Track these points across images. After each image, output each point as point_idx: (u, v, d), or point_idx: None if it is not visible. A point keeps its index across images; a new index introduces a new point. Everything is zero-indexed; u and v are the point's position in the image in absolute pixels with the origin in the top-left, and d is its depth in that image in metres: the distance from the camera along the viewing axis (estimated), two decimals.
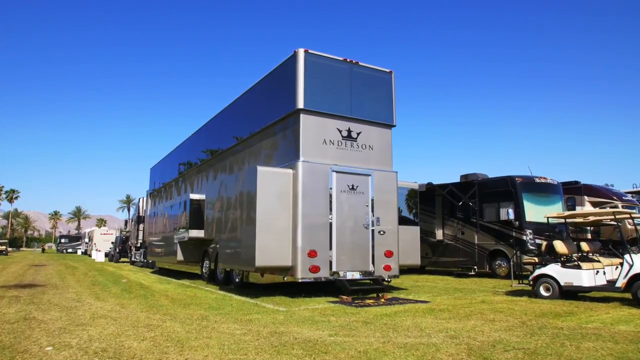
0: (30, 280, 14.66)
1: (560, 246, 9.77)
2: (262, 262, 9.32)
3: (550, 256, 10.03)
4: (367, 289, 10.17)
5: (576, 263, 9.44)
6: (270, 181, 9.74)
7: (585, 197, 18.84)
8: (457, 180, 17.93)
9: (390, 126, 11.31)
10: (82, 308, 8.14)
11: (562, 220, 10.67)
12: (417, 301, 9.28)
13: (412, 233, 12.35)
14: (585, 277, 9.17)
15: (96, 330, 6.07)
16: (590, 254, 10.15)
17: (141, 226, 26.31)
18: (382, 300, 9.43)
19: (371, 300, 9.33)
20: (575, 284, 9.23)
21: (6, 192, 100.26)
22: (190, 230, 13.98)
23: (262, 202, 9.53)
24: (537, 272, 9.89)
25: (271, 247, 9.42)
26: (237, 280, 11.97)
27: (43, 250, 70.99)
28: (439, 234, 18.16)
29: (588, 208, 17.58)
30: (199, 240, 14.36)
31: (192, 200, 14.45)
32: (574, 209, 16.84)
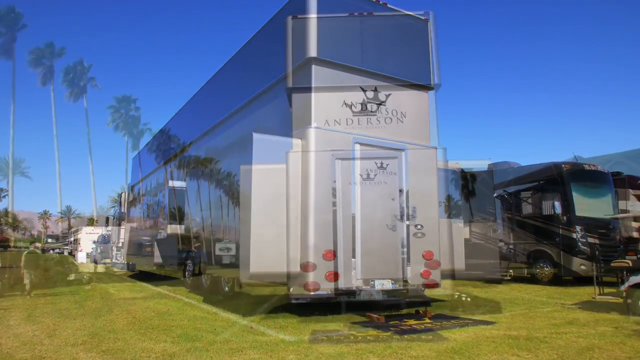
0: None
1: None
2: (259, 267, 6.66)
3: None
4: (404, 303, 7.54)
5: None
6: (271, 155, 7.07)
7: (630, 190, 16.43)
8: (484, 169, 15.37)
9: (427, 88, 8.66)
10: None
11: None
12: (476, 321, 6.62)
13: (456, 229, 9.65)
14: None
15: None
16: None
17: (123, 223, 23.56)
18: (427, 319, 6.78)
19: (412, 321, 6.67)
20: None
21: None
22: (169, 226, 11.28)
23: (259, 185, 6.87)
24: (634, 280, 7.28)
25: (272, 247, 6.76)
26: (226, 289, 9.30)
27: (44, 251, 67.57)
28: (466, 232, 15.55)
29: (634, 202, 15.35)
30: (181, 239, 11.66)
31: (171, 190, 11.74)
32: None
